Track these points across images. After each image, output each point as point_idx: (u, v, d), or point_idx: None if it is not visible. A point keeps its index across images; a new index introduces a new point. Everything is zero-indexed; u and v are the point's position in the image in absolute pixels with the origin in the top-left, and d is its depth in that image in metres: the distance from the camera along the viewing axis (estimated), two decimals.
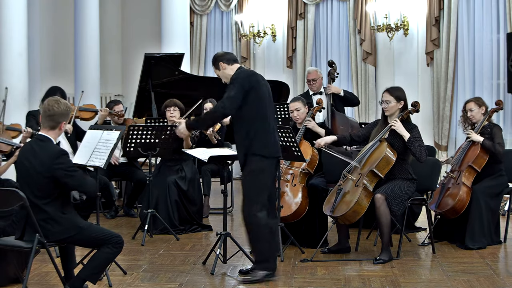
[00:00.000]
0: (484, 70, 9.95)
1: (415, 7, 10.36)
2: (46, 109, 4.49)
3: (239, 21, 11.61)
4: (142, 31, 12.49)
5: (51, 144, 4.48)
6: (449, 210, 6.26)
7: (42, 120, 4.53)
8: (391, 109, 5.92)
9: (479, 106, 6.47)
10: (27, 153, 4.52)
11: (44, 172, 4.37)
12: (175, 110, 7.29)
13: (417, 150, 5.76)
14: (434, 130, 10.32)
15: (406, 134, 5.79)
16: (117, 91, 12.60)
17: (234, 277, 5.35)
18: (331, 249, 6.07)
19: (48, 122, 4.49)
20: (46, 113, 4.49)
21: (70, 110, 4.61)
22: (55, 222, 4.43)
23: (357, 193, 5.75)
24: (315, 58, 11.35)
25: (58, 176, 4.38)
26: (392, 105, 5.91)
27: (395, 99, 5.90)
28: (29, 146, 4.56)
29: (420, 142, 5.82)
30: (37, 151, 4.45)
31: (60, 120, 4.50)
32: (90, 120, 8.26)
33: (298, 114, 6.58)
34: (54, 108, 4.47)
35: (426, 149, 5.88)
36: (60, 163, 4.38)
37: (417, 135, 5.85)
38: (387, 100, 5.92)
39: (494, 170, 6.36)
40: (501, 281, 5.18)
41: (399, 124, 5.84)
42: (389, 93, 5.94)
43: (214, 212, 7.99)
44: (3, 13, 8.62)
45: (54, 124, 4.50)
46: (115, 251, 4.56)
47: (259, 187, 5.10)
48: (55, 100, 4.53)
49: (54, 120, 4.49)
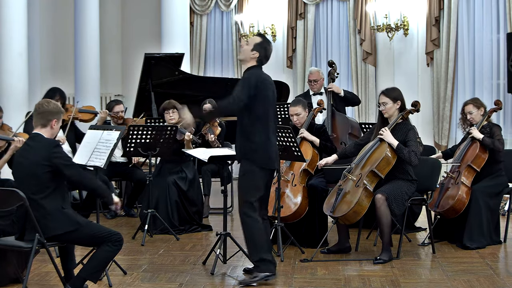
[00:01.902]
0: (484, 70, 9.95)
1: (415, 7, 10.36)
2: (37, 108, 4.67)
3: (239, 21, 11.61)
4: (142, 31, 12.48)
5: (44, 137, 4.60)
6: (449, 210, 6.26)
7: (34, 119, 4.67)
8: (388, 110, 5.92)
9: (477, 108, 6.46)
10: (23, 151, 4.64)
11: (43, 162, 4.44)
12: (174, 112, 7.27)
13: (406, 156, 5.75)
14: (434, 130, 10.32)
15: (394, 142, 5.79)
16: (117, 91, 12.59)
17: (234, 277, 5.35)
18: (331, 249, 6.06)
19: (40, 120, 4.63)
20: (36, 111, 4.66)
21: (61, 111, 4.75)
22: (53, 218, 4.44)
23: (357, 193, 5.75)
24: (315, 58, 11.35)
25: (57, 164, 4.46)
26: (389, 106, 5.90)
27: (392, 100, 5.89)
28: (24, 146, 4.69)
29: (412, 147, 5.79)
30: (32, 146, 4.55)
31: (50, 117, 4.62)
32: (89, 121, 8.24)
33: (298, 118, 6.54)
34: (44, 105, 4.66)
35: (418, 153, 5.83)
36: (58, 152, 4.50)
37: (411, 138, 5.84)
38: (384, 102, 5.91)
39: (493, 170, 6.36)
40: (501, 281, 5.18)
41: (386, 133, 5.83)
42: (385, 94, 5.94)
43: (214, 212, 7.99)
44: (3, 13, 8.61)
45: (45, 121, 4.61)
46: (115, 249, 4.57)
47: (251, 188, 5.12)
48: (45, 100, 4.79)
49: (45, 117, 4.61)
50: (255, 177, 5.12)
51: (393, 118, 5.93)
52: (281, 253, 5.83)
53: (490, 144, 6.27)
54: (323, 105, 6.92)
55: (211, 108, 5.78)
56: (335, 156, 6.12)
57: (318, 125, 6.75)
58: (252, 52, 5.19)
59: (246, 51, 5.21)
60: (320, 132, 6.59)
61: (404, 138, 5.83)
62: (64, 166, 4.48)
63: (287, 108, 7.75)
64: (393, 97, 5.90)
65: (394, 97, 5.90)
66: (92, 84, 10.35)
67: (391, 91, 5.97)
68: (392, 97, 5.90)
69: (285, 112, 7.81)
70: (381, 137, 5.86)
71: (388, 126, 5.91)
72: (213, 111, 5.93)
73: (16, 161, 4.67)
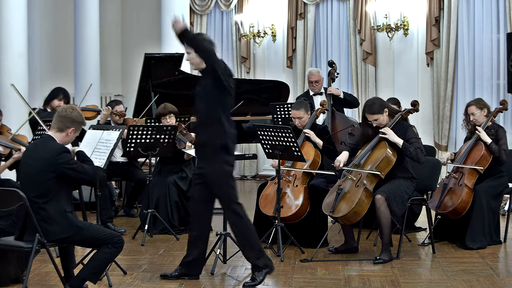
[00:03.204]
0: (484, 70, 9.94)
1: (415, 7, 10.35)
2: (61, 110, 4.64)
3: (239, 21, 11.60)
4: (142, 31, 12.48)
5: (53, 142, 4.54)
6: (451, 212, 6.26)
7: (54, 120, 4.63)
8: (382, 122, 5.91)
9: (480, 109, 6.44)
10: (31, 151, 4.62)
11: (46, 168, 4.42)
12: (171, 117, 7.26)
13: (413, 154, 5.75)
14: (434, 130, 10.32)
15: (399, 141, 5.79)
16: (117, 91, 12.60)
17: (234, 277, 5.35)
18: (339, 249, 6.06)
19: (58, 123, 4.59)
20: (59, 114, 4.62)
21: (83, 122, 4.70)
22: (55, 222, 4.44)
23: (357, 194, 5.75)
24: (315, 58, 11.34)
25: (60, 171, 4.44)
26: (381, 119, 5.90)
27: (380, 113, 5.88)
28: (34, 145, 4.69)
29: (415, 144, 5.80)
30: (40, 148, 4.53)
31: (69, 124, 4.58)
32: (92, 119, 8.29)
33: (300, 122, 6.51)
34: (68, 111, 4.61)
35: (423, 150, 5.85)
36: (61, 159, 4.45)
37: (412, 135, 5.84)
38: (374, 118, 5.89)
39: (495, 171, 6.36)
40: (501, 281, 5.18)
41: (389, 132, 5.83)
42: (370, 113, 5.88)
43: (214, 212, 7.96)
44: (3, 13, 8.62)
45: (63, 126, 4.57)
46: (115, 251, 4.58)
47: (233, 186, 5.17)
48: (72, 108, 4.70)
49: (64, 122, 4.57)
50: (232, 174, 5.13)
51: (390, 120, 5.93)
52: (281, 253, 5.84)
53: (496, 153, 6.26)
54: (325, 106, 6.92)
55: None
56: (346, 152, 6.08)
57: (321, 126, 6.72)
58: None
59: (195, 58, 5.14)
60: (323, 134, 6.59)
61: (404, 137, 5.83)
62: (67, 170, 4.46)
63: (287, 108, 7.75)
64: (377, 111, 5.87)
65: (379, 110, 5.88)
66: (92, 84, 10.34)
67: (373, 107, 5.90)
68: (377, 111, 5.87)
69: (285, 112, 7.81)
70: (384, 137, 5.85)
71: (388, 125, 5.91)
72: (199, 43, 5.14)
73: (23, 161, 4.64)
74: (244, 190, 10.67)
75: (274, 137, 6.03)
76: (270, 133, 6.05)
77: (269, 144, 6.13)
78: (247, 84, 9.92)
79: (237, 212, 5.11)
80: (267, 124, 7.97)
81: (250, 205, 6.24)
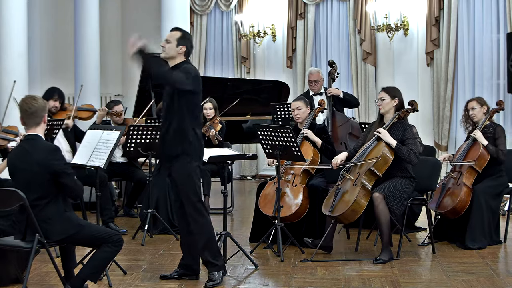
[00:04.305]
0: (484, 70, 9.95)
1: (415, 7, 10.36)
2: (27, 108, 4.48)
3: (239, 21, 11.61)
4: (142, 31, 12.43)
5: (42, 141, 4.52)
6: (450, 211, 6.26)
7: (25, 120, 4.52)
8: (385, 105, 5.94)
9: (481, 105, 6.46)
10: (20, 155, 4.51)
11: (42, 169, 4.39)
12: None
13: (405, 155, 5.76)
14: (434, 130, 10.32)
15: (392, 142, 5.80)
16: (117, 91, 12.59)
17: (234, 277, 5.35)
18: (315, 243, 6.03)
19: (33, 119, 4.50)
20: (27, 111, 4.49)
21: (47, 103, 4.63)
22: (54, 222, 4.44)
23: (355, 192, 5.75)
24: (315, 58, 11.35)
25: (55, 171, 4.41)
26: (386, 101, 5.93)
27: (390, 96, 5.93)
28: (20, 148, 4.55)
29: (410, 145, 5.80)
30: (30, 151, 4.45)
31: (42, 114, 4.52)
32: (88, 119, 8.25)
33: (298, 113, 6.55)
34: (34, 104, 4.48)
35: (417, 151, 5.84)
36: (57, 159, 4.43)
37: (410, 136, 5.85)
38: (382, 97, 5.96)
39: (494, 171, 6.36)
40: (501, 281, 5.18)
41: (384, 132, 5.85)
42: (384, 91, 6.03)
43: (214, 212, 7.96)
44: (3, 13, 8.61)
45: (38, 119, 4.51)
46: (115, 250, 4.57)
47: (197, 185, 5.24)
48: (31, 97, 4.55)
49: (37, 115, 4.50)
50: (197, 174, 5.16)
51: (389, 116, 5.94)
52: (281, 253, 5.84)
53: (493, 154, 6.28)
54: (324, 105, 6.92)
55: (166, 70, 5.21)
56: (346, 153, 6.09)
57: (320, 126, 6.74)
58: (178, 48, 5.17)
59: (171, 48, 5.16)
60: (322, 133, 6.59)
61: (402, 137, 5.84)
62: (62, 173, 4.43)
63: (287, 108, 7.76)
64: (392, 95, 5.95)
65: (393, 95, 5.95)
66: (92, 84, 10.34)
67: (391, 89, 6.04)
68: (391, 94, 5.95)
69: (285, 112, 7.81)
70: (379, 136, 5.86)
71: (385, 126, 5.92)
72: (154, 64, 5.27)
73: (11, 163, 4.56)
74: (244, 190, 10.68)
75: (274, 137, 6.03)
76: (270, 133, 6.06)
77: (269, 144, 6.14)
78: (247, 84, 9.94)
79: None
80: (267, 124, 7.98)
81: (250, 205, 6.24)
